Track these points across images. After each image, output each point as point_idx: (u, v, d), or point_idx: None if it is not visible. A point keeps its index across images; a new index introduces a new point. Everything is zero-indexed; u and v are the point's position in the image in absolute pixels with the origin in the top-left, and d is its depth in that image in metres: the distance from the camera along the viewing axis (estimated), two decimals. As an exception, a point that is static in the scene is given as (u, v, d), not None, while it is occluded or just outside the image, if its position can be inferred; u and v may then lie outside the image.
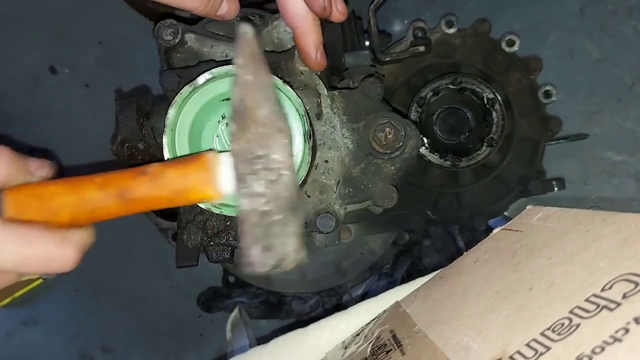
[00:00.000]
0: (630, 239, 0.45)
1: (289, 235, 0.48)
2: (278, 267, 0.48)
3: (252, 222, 0.47)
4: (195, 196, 0.50)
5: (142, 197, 0.48)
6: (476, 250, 0.68)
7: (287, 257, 0.48)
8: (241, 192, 0.48)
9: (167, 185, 0.48)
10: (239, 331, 0.99)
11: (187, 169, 0.49)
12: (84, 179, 0.48)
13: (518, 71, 0.99)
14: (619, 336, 0.36)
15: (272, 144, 0.48)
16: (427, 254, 1.03)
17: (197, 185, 0.49)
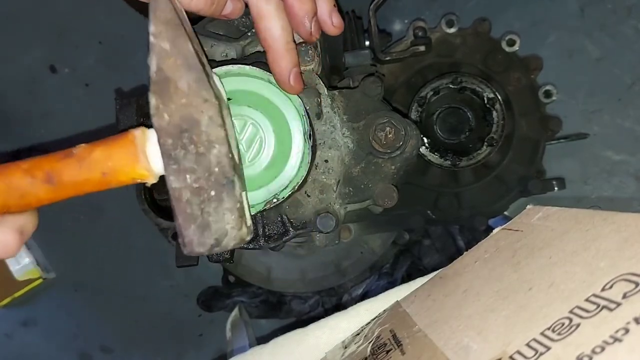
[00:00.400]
0: (630, 238, 0.45)
1: (226, 212, 0.46)
2: (217, 246, 0.46)
3: (184, 200, 0.45)
4: (125, 177, 0.47)
5: (70, 181, 0.46)
6: (476, 250, 0.68)
7: (226, 234, 0.46)
8: (169, 168, 0.45)
9: (95, 166, 0.46)
10: (239, 331, 0.99)
11: (113, 147, 0.46)
12: (10, 165, 0.46)
13: (518, 71, 0.99)
14: (619, 336, 0.36)
15: (198, 115, 0.45)
16: (427, 254, 1.03)
17: (125, 164, 0.46)
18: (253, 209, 0.64)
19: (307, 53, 0.65)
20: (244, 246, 0.68)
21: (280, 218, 0.68)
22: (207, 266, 0.93)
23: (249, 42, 0.69)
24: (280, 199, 0.63)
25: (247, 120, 0.64)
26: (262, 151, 0.64)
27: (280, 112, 0.63)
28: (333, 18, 0.63)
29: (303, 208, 0.68)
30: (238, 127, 0.64)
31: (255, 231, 0.68)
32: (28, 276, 1.17)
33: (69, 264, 1.22)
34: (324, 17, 0.63)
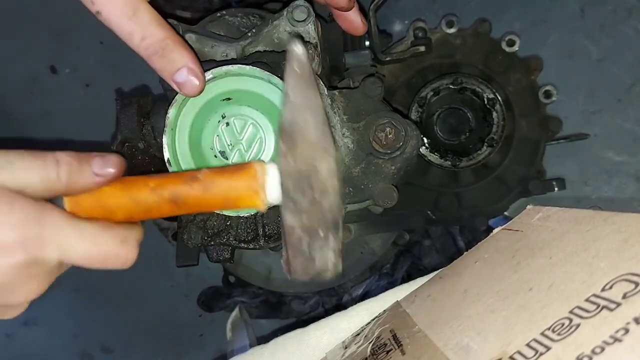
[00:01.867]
0: (630, 239, 0.45)
1: (330, 251, 0.51)
2: (317, 278, 0.51)
3: (295, 236, 0.50)
4: (243, 204, 0.51)
5: (193, 203, 0.50)
6: (476, 250, 0.68)
7: (327, 270, 0.52)
8: (287, 207, 0.50)
9: (218, 193, 0.50)
10: (239, 331, 0.99)
11: (237, 178, 0.51)
12: (138, 181, 0.50)
13: (518, 71, 0.99)
14: (619, 336, 0.36)
15: (319, 165, 0.50)
16: (427, 254, 1.03)
17: (246, 195, 0.51)
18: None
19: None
20: (244, 246, 0.68)
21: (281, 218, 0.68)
22: (207, 266, 0.93)
23: (249, 42, 0.69)
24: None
25: (248, 120, 0.64)
26: (262, 151, 0.64)
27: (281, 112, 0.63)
28: None
29: (303, 208, 0.68)
30: (238, 127, 0.64)
31: (255, 231, 0.69)
32: None
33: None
34: None
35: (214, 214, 0.67)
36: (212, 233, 0.68)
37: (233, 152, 0.64)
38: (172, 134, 0.63)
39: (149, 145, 0.70)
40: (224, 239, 0.68)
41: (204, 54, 0.70)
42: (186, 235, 0.68)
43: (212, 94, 0.63)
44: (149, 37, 0.56)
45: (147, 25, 0.56)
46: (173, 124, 0.63)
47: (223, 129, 0.65)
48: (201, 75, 0.58)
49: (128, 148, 0.70)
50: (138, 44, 0.56)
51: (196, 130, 0.64)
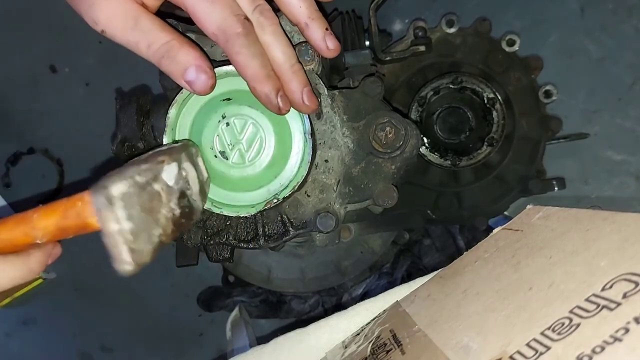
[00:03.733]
0: (630, 238, 0.45)
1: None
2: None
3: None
4: (87, 230, 0.51)
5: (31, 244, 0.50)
6: (476, 249, 0.68)
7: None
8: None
9: (54, 232, 0.50)
10: (239, 330, 0.99)
11: (67, 216, 0.50)
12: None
13: (518, 70, 0.99)
14: (619, 336, 0.36)
15: None
16: (427, 254, 1.03)
17: (82, 224, 0.50)
18: (253, 208, 0.64)
19: (307, 53, 0.65)
20: (244, 246, 0.68)
21: (280, 218, 0.68)
22: (207, 266, 0.93)
23: (249, 41, 0.69)
24: (280, 199, 0.63)
25: (248, 120, 0.64)
26: (262, 151, 0.64)
27: None
28: (328, 42, 0.63)
29: (303, 208, 0.68)
30: (238, 127, 0.64)
31: (254, 231, 0.68)
32: None
33: (69, 264, 1.22)
34: (318, 43, 0.63)
35: (214, 214, 0.67)
36: (211, 233, 0.68)
37: (233, 151, 0.64)
38: (172, 134, 0.63)
39: (149, 145, 0.70)
40: (223, 238, 0.68)
41: (203, 54, 0.70)
42: (186, 235, 0.68)
43: (212, 94, 0.63)
44: (154, 42, 0.57)
45: (150, 32, 0.57)
46: (173, 124, 0.63)
47: (223, 128, 0.65)
48: (210, 71, 0.58)
49: (128, 148, 0.70)
50: (146, 51, 0.57)
51: (196, 130, 0.64)
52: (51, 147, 1.17)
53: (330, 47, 0.63)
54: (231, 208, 0.64)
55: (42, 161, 1.17)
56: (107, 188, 0.47)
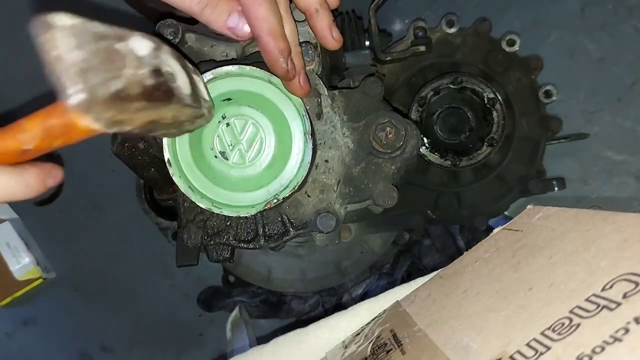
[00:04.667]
0: (630, 238, 0.45)
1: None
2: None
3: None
4: (67, 139, 0.48)
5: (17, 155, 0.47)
6: (476, 250, 0.68)
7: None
8: None
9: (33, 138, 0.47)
10: (239, 330, 0.99)
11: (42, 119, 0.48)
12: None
13: (518, 71, 0.99)
14: (619, 336, 0.36)
15: None
16: (427, 254, 1.03)
17: (60, 128, 0.48)
18: (253, 209, 0.64)
19: (307, 53, 0.65)
20: (244, 246, 0.68)
21: (281, 218, 0.68)
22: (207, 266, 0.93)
23: (249, 42, 0.69)
24: (280, 199, 0.63)
25: (248, 120, 0.64)
26: (262, 151, 0.64)
27: (281, 112, 0.63)
28: (333, 32, 0.64)
29: (303, 208, 0.68)
30: (238, 127, 0.64)
31: (255, 231, 0.68)
32: (28, 276, 1.17)
33: (69, 264, 1.22)
34: (324, 32, 0.64)
35: (214, 215, 0.67)
36: (211, 233, 0.68)
37: (233, 152, 0.64)
38: (172, 134, 0.63)
39: (149, 145, 0.70)
40: (223, 238, 0.68)
41: (203, 54, 0.70)
42: (186, 235, 0.68)
43: (212, 95, 0.63)
44: None
45: None
46: (173, 124, 0.63)
47: (223, 129, 0.65)
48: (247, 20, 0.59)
49: (128, 148, 0.70)
50: (190, 4, 0.59)
51: (196, 130, 0.64)
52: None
53: (335, 38, 0.64)
54: (231, 208, 0.64)
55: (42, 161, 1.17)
56: (49, 15, 0.43)
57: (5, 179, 0.45)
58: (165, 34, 0.69)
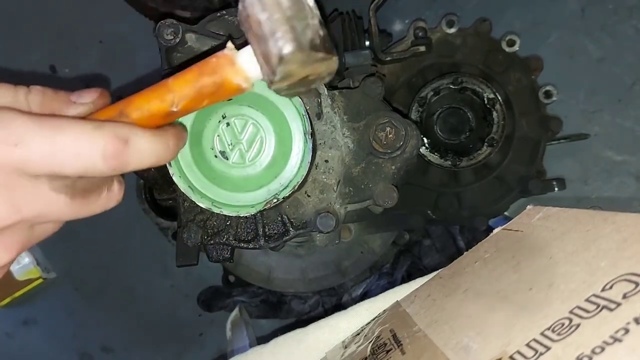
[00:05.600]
0: (630, 238, 0.45)
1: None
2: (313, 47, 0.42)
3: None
4: (225, 94, 0.46)
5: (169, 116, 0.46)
6: (476, 250, 0.68)
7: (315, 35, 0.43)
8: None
9: (194, 95, 0.45)
10: (239, 330, 0.99)
11: (208, 74, 0.45)
12: (109, 110, 0.45)
13: (518, 71, 0.99)
14: (619, 336, 0.36)
15: None
16: (427, 254, 1.03)
17: (222, 83, 0.45)
18: (253, 208, 0.64)
19: (307, 53, 0.65)
20: (244, 246, 0.68)
21: (281, 218, 0.68)
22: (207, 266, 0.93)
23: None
24: (280, 199, 0.63)
25: (248, 120, 0.64)
26: (262, 151, 0.64)
27: (281, 112, 0.63)
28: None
29: (303, 208, 0.68)
30: (239, 127, 0.64)
31: (255, 231, 0.68)
32: (28, 276, 1.17)
33: (69, 264, 1.22)
34: None
35: (214, 214, 0.67)
36: (211, 232, 0.68)
37: (234, 152, 0.64)
38: (172, 134, 0.63)
39: (149, 145, 0.70)
40: (223, 238, 0.68)
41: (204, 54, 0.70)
42: (186, 235, 0.68)
43: (212, 94, 0.63)
44: None
45: None
46: (173, 124, 0.63)
47: (223, 128, 0.65)
48: None
49: (128, 148, 0.70)
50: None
51: (196, 130, 0.64)
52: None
53: None
54: (231, 208, 0.64)
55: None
56: None
57: (152, 138, 0.43)
58: (165, 34, 0.69)
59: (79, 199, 0.43)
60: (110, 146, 0.40)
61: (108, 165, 0.40)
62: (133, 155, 0.41)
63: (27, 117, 0.39)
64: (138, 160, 0.42)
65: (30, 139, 0.38)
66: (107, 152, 0.40)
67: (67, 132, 0.39)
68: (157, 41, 0.70)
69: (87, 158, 0.39)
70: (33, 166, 0.38)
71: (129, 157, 0.41)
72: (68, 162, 0.39)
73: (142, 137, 0.42)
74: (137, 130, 0.42)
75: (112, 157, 0.40)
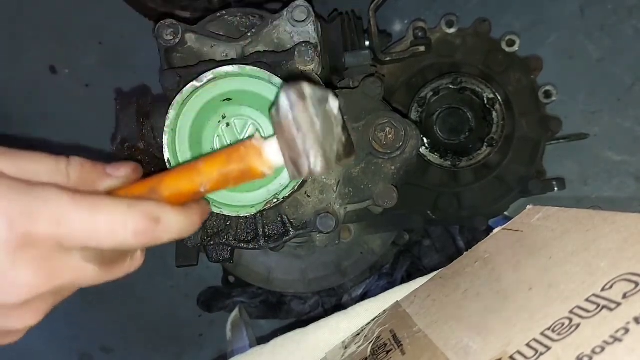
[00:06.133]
0: (630, 238, 0.45)
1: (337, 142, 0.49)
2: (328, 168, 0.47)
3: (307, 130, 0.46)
4: (249, 179, 0.49)
5: (197, 196, 0.49)
6: (476, 250, 0.68)
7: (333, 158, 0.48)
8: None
9: (221, 180, 0.49)
10: (239, 331, 0.99)
11: (236, 162, 0.49)
12: (139, 186, 0.48)
13: (518, 71, 0.99)
14: (619, 336, 0.36)
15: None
16: (427, 254, 1.03)
17: (248, 170, 0.48)
18: (253, 208, 0.64)
19: (307, 53, 0.65)
20: (244, 246, 0.68)
21: (281, 218, 0.68)
22: (207, 266, 0.94)
23: (249, 42, 0.69)
24: (280, 199, 0.63)
25: (247, 120, 0.64)
26: (262, 151, 0.64)
27: None
28: None
29: (303, 208, 0.68)
30: (238, 127, 0.64)
31: (255, 231, 0.68)
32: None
33: (69, 264, 1.22)
34: None
35: (214, 214, 0.67)
36: (211, 233, 0.68)
37: (233, 152, 0.64)
38: (172, 134, 0.63)
39: (149, 145, 0.70)
40: (223, 239, 0.68)
41: (203, 54, 0.70)
42: (186, 235, 0.68)
43: (212, 94, 0.63)
44: None
45: None
46: (173, 124, 0.63)
47: (223, 129, 0.65)
48: None
49: (128, 148, 0.70)
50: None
51: (196, 130, 0.64)
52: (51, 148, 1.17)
53: None
54: (231, 208, 0.64)
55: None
56: (299, 85, 0.45)
57: (179, 219, 0.47)
58: (165, 34, 0.69)
59: (106, 267, 0.48)
60: (142, 225, 0.44)
61: (138, 241, 0.44)
62: (162, 232, 0.45)
63: (69, 197, 0.42)
64: (166, 236, 0.45)
65: (72, 219, 0.41)
66: (139, 230, 0.43)
67: (104, 211, 0.43)
68: (156, 41, 0.70)
69: (121, 235, 0.43)
70: (71, 242, 0.42)
71: (158, 234, 0.45)
72: (103, 239, 0.43)
73: (171, 216, 0.46)
74: (167, 209, 0.46)
75: (143, 235, 0.44)
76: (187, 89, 0.62)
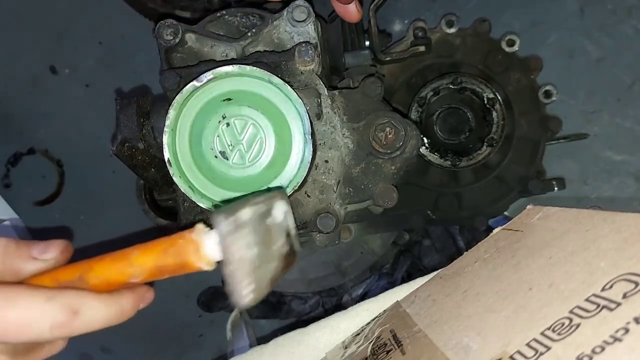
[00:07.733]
0: (630, 238, 0.45)
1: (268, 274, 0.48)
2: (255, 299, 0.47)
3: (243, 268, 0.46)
4: (184, 271, 0.48)
5: (123, 284, 0.48)
6: (476, 250, 0.68)
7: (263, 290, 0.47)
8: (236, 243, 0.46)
9: (153, 272, 0.48)
10: (239, 331, 0.99)
11: (171, 255, 0.47)
12: (69, 270, 0.47)
13: (518, 71, 0.99)
14: (619, 336, 0.36)
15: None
16: (427, 254, 1.03)
17: (183, 263, 0.47)
18: (253, 209, 0.64)
19: (307, 53, 0.65)
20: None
21: (281, 218, 0.68)
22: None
23: (249, 42, 0.69)
24: (280, 199, 0.63)
25: (248, 120, 0.64)
26: (262, 151, 0.64)
27: (281, 112, 0.63)
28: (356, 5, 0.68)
29: (303, 208, 0.68)
30: (238, 128, 0.65)
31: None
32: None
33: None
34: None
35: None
36: (212, 233, 0.68)
37: (233, 152, 0.64)
38: (172, 134, 0.63)
39: (149, 145, 0.70)
40: (224, 239, 0.68)
41: (203, 54, 0.70)
42: (186, 235, 0.68)
43: (212, 94, 0.63)
44: None
45: None
46: (173, 125, 0.63)
47: (223, 129, 0.65)
48: None
49: (128, 148, 0.70)
50: None
51: (196, 130, 0.64)
52: (51, 148, 1.17)
53: (359, 9, 0.69)
54: (231, 208, 0.64)
55: (42, 162, 1.17)
56: (236, 212, 0.44)
57: (103, 307, 0.45)
58: (165, 34, 0.69)
59: (20, 357, 0.45)
60: (60, 318, 0.42)
61: (55, 335, 0.42)
62: (81, 324, 0.43)
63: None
64: (85, 327, 0.44)
65: None
66: (56, 324, 0.41)
67: (18, 305, 0.41)
68: (156, 41, 0.70)
69: (36, 330, 0.41)
70: None
71: (76, 327, 0.43)
72: (14, 335, 0.41)
73: (93, 308, 0.44)
74: (90, 299, 0.44)
75: (60, 328, 0.42)
76: (187, 89, 0.62)
